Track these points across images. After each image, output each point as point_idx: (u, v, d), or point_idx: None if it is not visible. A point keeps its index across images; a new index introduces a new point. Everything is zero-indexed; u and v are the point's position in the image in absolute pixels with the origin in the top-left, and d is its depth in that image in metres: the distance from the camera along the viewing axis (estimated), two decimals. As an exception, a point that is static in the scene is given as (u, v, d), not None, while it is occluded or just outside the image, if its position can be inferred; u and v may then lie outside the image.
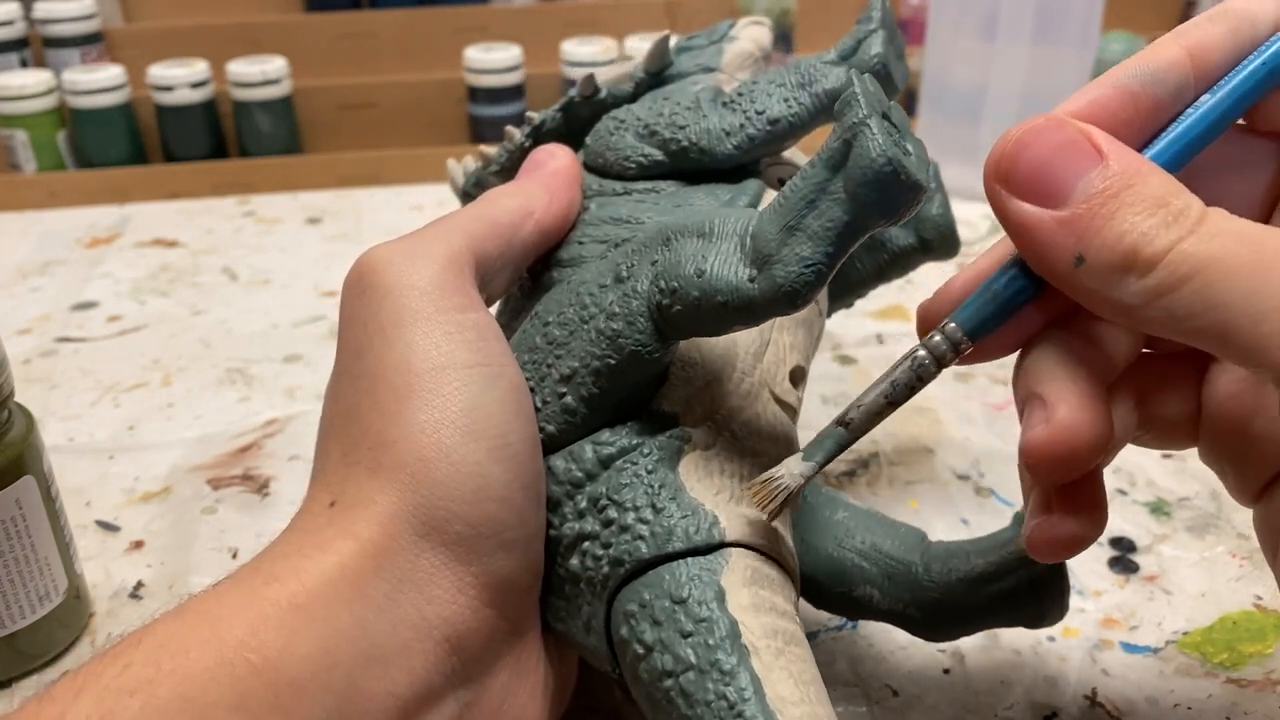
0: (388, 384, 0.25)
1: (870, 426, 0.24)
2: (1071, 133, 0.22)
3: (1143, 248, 0.20)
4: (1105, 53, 0.81)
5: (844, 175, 0.23)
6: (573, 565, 0.26)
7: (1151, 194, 0.21)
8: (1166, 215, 0.20)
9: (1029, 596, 0.29)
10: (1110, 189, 0.21)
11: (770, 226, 0.24)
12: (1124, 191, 0.21)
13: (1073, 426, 0.23)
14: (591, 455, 0.27)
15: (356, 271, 0.27)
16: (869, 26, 0.32)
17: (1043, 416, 0.23)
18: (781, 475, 0.25)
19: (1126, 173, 0.21)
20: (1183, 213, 0.20)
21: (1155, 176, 0.21)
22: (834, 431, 0.24)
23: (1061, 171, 0.21)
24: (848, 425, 0.24)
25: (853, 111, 0.23)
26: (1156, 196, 0.21)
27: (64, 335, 0.56)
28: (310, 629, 0.22)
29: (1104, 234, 0.21)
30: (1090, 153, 0.21)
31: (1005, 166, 0.22)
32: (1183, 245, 0.20)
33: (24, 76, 0.75)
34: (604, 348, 0.26)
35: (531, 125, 0.35)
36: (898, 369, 0.24)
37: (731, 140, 0.31)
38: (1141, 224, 0.20)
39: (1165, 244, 0.20)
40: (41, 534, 0.34)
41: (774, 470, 0.25)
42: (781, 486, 0.25)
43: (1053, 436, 0.23)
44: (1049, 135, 0.22)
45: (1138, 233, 0.20)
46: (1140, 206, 0.21)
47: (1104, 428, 0.23)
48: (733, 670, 0.23)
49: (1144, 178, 0.21)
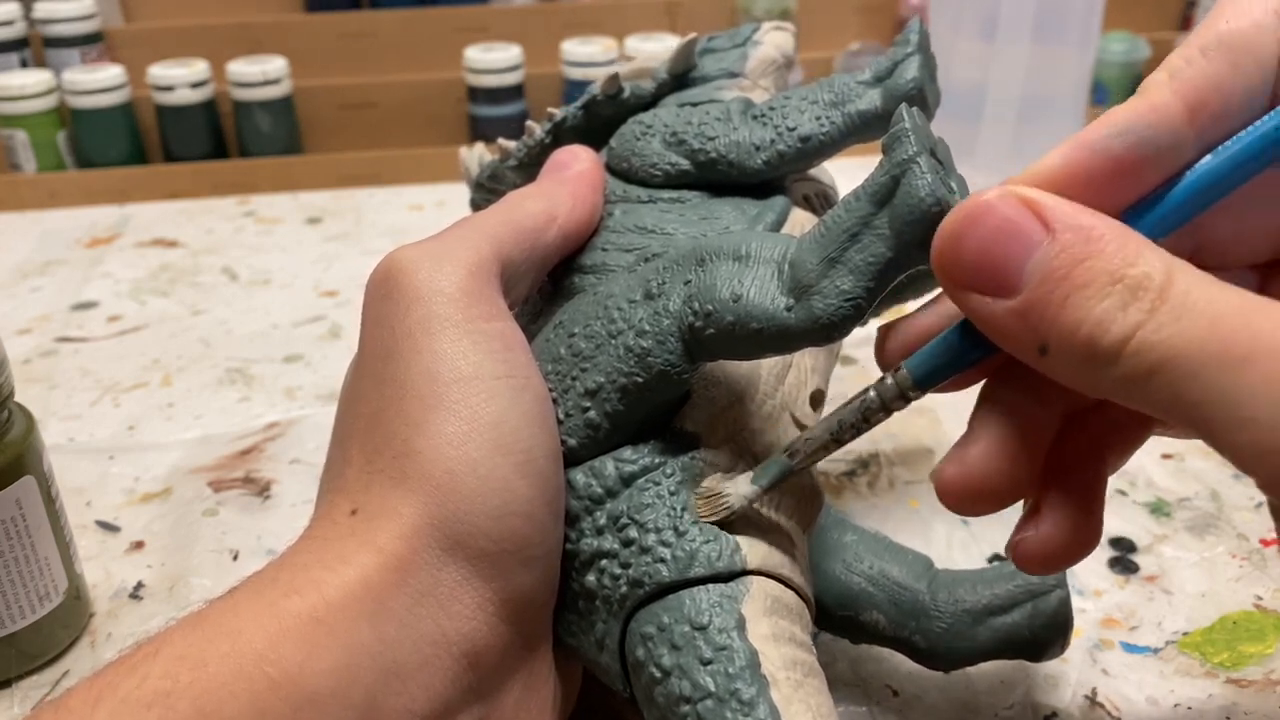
0: (415, 392, 0.25)
1: (814, 460, 0.25)
2: (1008, 211, 0.20)
3: (1100, 338, 0.19)
4: (1105, 53, 0.81)
5: (889, 211, 0.23)
6: (589, 582, 0.26)
7: (1105, 267, 0.19)
8: (1124, 293, 0.18)
9: (1033, 630, 0.30)
10: (1059, 269, 0.19)
11: (810, 256, 0.24)
12: (1075, 270, 0.19)
13: (982, 471, 0.22)
14: (613, 472, 0.26)
15: (382, 272, 0.27)
16: (906, 49, 0.31)
17: (960, 453, 0.22)
18: (729, 494, 0.25)
19: (1077, 245, 0.19)
20: (1141, 286, 0.18)
21: (1111, 242, 0.19)
22: (780, 459, 0.25)
23: (1005, 257, 0.20)
24: (793, 456, 0.25)
25: (902, 148, 0.22)
26: (1111, 270, 0.19)
27: (64, 335, 0.56)
28: (330, 643, 0.22)
29: (1060, 323, 0.19)
30: (1034, 228, 0.19)
31: (948, 261, 0.20)
32: (1143, 333, 0.18)
33: (24, 76, 0.75)
34: (632, 365, 0.26)
35: (552, 121, 0.35)
36: (846, 407, 0.24)
37: (761, 155, 0.31)
38: (1095, 309, 0.19)
39: (1123, 332, 0.18)
40: (41, 534, 0.34)
41: (723, 485, 0.26)
42: (725, 505, 0.25)
43: (962, 477, 0.22)
44: (986, 218, 0.20)
45: (1093, 320, 0.19)
46: (1094, 286, 0.19)
47: (1016, 476, 0.22)
48: (752, 701, 0.23)
49: (1098, 247, 0.19)
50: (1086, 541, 0.23)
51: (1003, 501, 0.22)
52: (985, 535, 0.40)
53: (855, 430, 0.24)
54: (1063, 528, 0.23)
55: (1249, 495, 0.42)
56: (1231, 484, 0.43)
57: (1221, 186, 0.21)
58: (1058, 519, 0.23)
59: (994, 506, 0.23)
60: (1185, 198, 0.21)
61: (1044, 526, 0.23)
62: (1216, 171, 0.21)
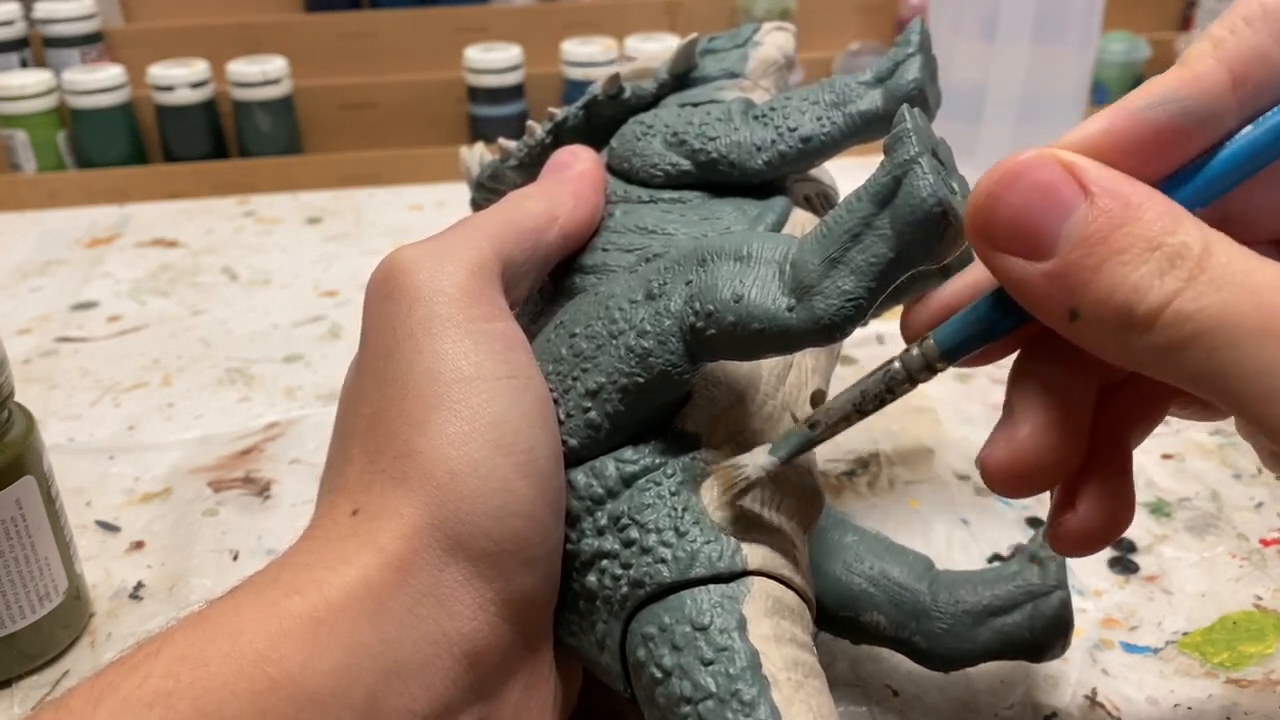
0: (416, 392, 0.25)
1: (836, 432, 0.25)
2: (1048, 172, 0.20)
3: (1136, 304, 0.18)
4: (1105, 52, 0.81)
5: (891, 212, 0.23)
6: (589, 582, 0.26)
7: (1144, 234, 0.19)
8: (1161, 260, 0.18)
9: (1033, 631, 0.30)
10: (1097, 233, 0.19)
11: (812, 256, 0.24)
12: (1113, 235, 0.19)
13: (1033, 450, 0.22)
14: (614, 472, 0.26)
15: (384, 272, 0.27)
16: (907, 50, 0.31)
17: (1006, 434, 0.22)
18: (746, 465, 0.25)
19: (1115, 210, 0.19)
20: (1179, 255, 0.18)
21: (1150, 210, 0.19)
22: (801, 431, 0.25)
23: (1042, 219, 0.19)
24: (814, 427, 0.25)
25: (904, 148, 0.22)
26: (1149, 237, 0.18)
27: (64, 335, 0.56)
28: (331, 643, 0.22)
29: (1094, 287, 0.19)
30: (1073, 191, 0.19)
31: (982, 221, 0.20)
32: (1180, 302, 0.18)
33: (24, 76, 0.75)
34: (633, 365, 0.26)
35: (553, 121, 0.35)
36: (871, 378, 0.24)
37: (762, 155, 0.31)
38: (1132, 275, 0.18)
39: (1159, 299, 0.18)
40: (41, 534, 0.34)
41: (739, 458, 0.25)
42: (743, 476, 0.25)
43: (1011, 458, 0.22)
44: (1024, 179, 0.20)
45: (1129, 286, 0.18)
46: (1131, 253, 0.19)
47: (1066, 453, 0.22)
48: (753, 701, 0.23)
49: (1136, 214, 0.19)
50: (1124, 518, 0.23)
51: (1053, 480, 0.22)
52: (985, 535, 0.40)
53: (879, 402, 0.24)
54: (1101, 507, 0.23)
55: (1249, 495, 0.42)
56: (1231, 484, 0.43)
57: (1262, 158, 0.20)
58: (1095, 498, 0.23)
59: (1044, 486, 0.22)
60: (1225, 169, 0.20)
61: (1083, 507, 0.23)
62: (1258, 143, 0.20)
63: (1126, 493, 0.23)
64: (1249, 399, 0.18)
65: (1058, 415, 0.22)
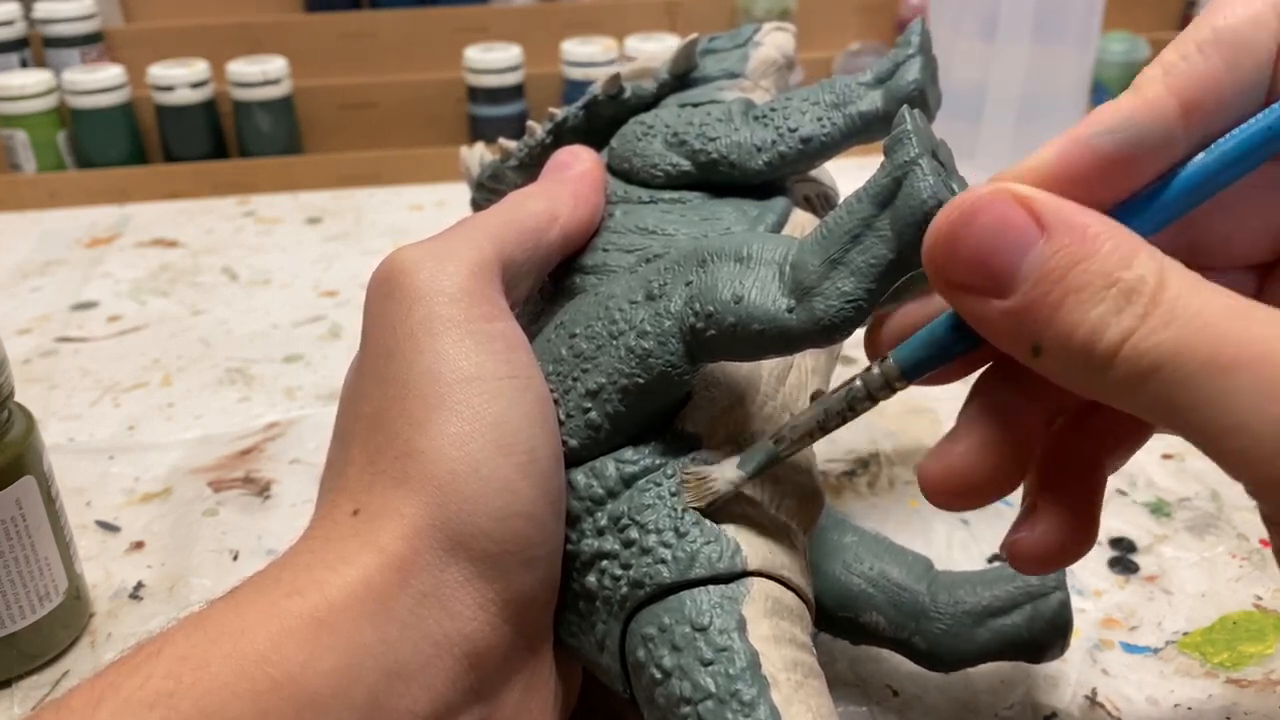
0: (417, 392, 0.25)
1: (800, 447, 0.25)
2: (1002, 209, 0.19)
3: (1094, 343, 0.18)
4: (1105, 53, 0.81)
5: (891, 213, 0.23)
6: (589, 582, 0.26)
7: (1100, 269, 0.19)
8: (1118, 297, 0.18)
9: (1032, 632, 0.30)
10: (1055, 270, 0.19)
11: (812, 258, 0.24)
12: (1070, 271, 0.19)
13: (965, 467, 0.22)
14: (614, 473, 0.26)
15: (384, 271, 0.27)
16: (907, 51, 0.31)
17: (945, 448, 0.22)
18: (715, 479, 0.25)
19: (1072, 245, 0.19)
20: (1135, 290, 0.18)
21: (1106, 242, 0.19)
22: (766, 446, 0.25)
23: (1000, 256, 0.19)
24: (779, 443, 0.25)
25: (904, 149, 0.22)
26: (1105, 272, 0.19)
27: (64, 335, 0.56)
28: (333, 644, 0.22)
29: (1055, 325, 0.19)
30: (1029, 227, 0.19)
31: (941, 260, 0.20)
32: (1136, 339, 0.18)
33: (24, 76, 0.75)
34: (633, 366, 0.26)
35: (553, 121, 0.35)
36: (833, 395, 0.24)
37: (763, 156, 0.31)
38: (1091, 313, 0.18)
39: (1117, 337, 0.18)
40: (41, 534, 0.34)
41: (710, 469, 0.26)
42: (712, 490, 0.25)
43: (944, 473, 0.22)
44: (980, 216, 0.20)
45: (1088, 326, 0.18)
46: (1089, 290, 0.19)
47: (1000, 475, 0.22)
48: (752, 702, 0.23)
49: (1093, 247, 0.19)
50: (1082, 543, 0.23)
51: (986, 498, 0.22)
52: (985, 536, 0.40)
53: (841, 419, 0.24)
54: (1059, 528, 0.23)
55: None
56: (1231, 484, 0.43)
57: (1214, 183, 0.20)
58: (1054, 519, 0.23)
59: (977, 502, 0.23)
60: (1178, 194, 0.21)
61: (1040, 526, 0.23)
62: (1209, 168, 0.20)
63: (1089, 521, 0.23)
64: (1205, 432, 0.18)
65: (997, 436, 0.22)
